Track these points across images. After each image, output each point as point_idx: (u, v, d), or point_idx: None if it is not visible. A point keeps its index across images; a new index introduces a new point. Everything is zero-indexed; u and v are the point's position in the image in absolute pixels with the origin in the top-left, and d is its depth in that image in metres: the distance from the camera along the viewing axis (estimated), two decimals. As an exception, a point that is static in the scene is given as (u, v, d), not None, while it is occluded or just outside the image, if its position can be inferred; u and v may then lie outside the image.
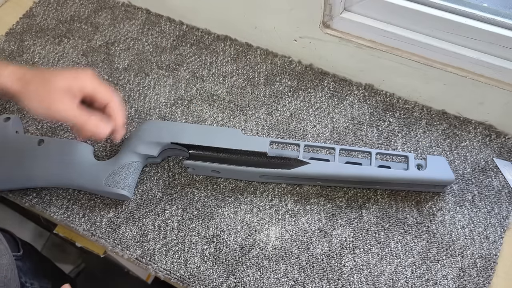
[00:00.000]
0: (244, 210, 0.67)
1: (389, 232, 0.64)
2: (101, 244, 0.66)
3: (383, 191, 0.67)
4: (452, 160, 0.69)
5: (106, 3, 0.91)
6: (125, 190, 0.65)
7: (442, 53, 0.66)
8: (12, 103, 0.79)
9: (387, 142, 0.72)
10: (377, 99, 0.76)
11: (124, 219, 0.67)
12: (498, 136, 0.71)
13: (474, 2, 0.62)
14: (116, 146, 0.73)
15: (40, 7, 0.92)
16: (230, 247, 0.64)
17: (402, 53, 0.69)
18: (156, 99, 0.78)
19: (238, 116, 0.76)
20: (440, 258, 0.62)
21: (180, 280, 0.62)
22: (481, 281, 0.60)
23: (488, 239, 0.62)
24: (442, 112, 0.74)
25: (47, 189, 0.70)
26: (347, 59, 0.75)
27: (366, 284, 0.61)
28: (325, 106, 0.76)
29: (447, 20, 0.63)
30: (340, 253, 0.63)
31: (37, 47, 0.86)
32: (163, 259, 0.64)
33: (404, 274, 0.61)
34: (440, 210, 0.65)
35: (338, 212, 0.66)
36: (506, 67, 0.63)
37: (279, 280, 0.61)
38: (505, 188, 0.66)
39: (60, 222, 0.69)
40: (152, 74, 0.82)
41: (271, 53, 0.82)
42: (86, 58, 0.84)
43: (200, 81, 0.80)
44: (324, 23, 0.72)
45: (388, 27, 0.68)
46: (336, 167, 0.63)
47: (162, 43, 0.85)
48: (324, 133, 0.73)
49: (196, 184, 0.69)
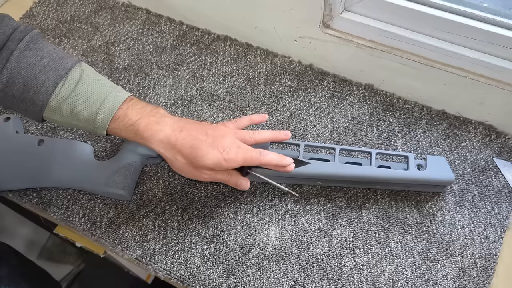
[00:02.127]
0: (244, 210, 0.67)
1: (389, 232, 0.64)
2: (101, 244, 0.66)
3: (383, 191, 0.67)
4: (452, 160, 0.69)
5: (106, 3, 0.91)
6: (125, 190, 0.65)
7: (442, 53, 0.66)
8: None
9: (387, 142, 0.72)
10: (377, 99, 0.76)
11: (124, 219, 0.67)
12: (498, 136, 0.71)
13: (474, 2, 0.62)
14: (116, 146, 0.73)
15: (40, 7, 0.92)
16: (230, 247, 0.64)
17: (402, 53, 0.69)
18: (156, 99, 0.78)
19: (238, 116, 0.76)
20: (440, 258, 0.62)
21: (180, 280, 0.62)
22: (481, 281, 0.60)
23: (488, 239, 0.62)
24: (442, 112, 0.74)
25: (47, 189, 0.70)
26: (347, 59, 0.75)
27: (366, 284, 0.61)
28: (325, 106, 0.76)
29: (447, 20, 0.63)
30: (340, 253, 0.63)
31: (37, 47, 0.86)
32: (163, 259, 0.64)
33: (404, 274, 0.61)
34: (440, 210, 0.65)
35: (338, 212, 0.66)
36: (506, 67, 0.63)
37: (279, 280, 0.61)
38: (505, 188, 0.66)
39: (60, 222, 0.69)
40: (152, 74, 0.82)
41: (271, 53, 0.82)
42: (86, 58, 0.84)
43: (200, 81, 0.80)
44: (324, 23, 0.72)
45: (388, 27, 0.68)
46: (336, 167, 0.63)
47: (162, 43, 0.85)
48: (324, 133, 0.73)
49: (196, 184, 0.69)
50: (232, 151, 0.55)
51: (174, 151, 0.54)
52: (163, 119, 0.55)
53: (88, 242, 0.82)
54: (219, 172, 0.57)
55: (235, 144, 0.56)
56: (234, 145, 0.55)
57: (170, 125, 0.55)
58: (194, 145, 0.54)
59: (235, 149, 0.55)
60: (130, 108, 0.54)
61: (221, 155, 0.54)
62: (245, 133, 0.59)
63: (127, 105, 0.55)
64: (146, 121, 0.54)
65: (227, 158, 0.54)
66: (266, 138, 0.60)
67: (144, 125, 0.54)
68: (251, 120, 0.63)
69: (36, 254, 1.32)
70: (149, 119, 0.54)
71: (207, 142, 0.54)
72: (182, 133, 0.54)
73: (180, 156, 0.55)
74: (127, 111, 0.54)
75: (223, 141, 0.55)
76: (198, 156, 0.54)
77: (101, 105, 0.53)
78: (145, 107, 0.55)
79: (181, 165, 0.55)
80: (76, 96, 0.53)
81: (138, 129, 0.54)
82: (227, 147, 0.55)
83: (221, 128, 0.58)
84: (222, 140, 0.55)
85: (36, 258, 1.32)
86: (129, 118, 0.54)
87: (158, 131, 0.54)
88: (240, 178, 0.59)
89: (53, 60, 0.52)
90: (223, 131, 0.57)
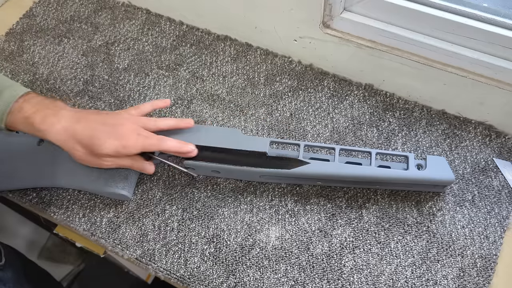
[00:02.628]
0: (244, 210, 0.67)
1: (389, 232, 0.64)
2: (101, 244, 0.66)
3: (383, 191, 0.67)
4: (452, 160, 0.69)
5: (106, 3, 0.91)
6: (125, 190, 0.65)
7: (442, 53, 0.66)
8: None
9: (387, 142, 0.72)
10: (377, 99, 0.76)
11: (124, 219, 0.67)
12: (498, 136, 0.71)
13: (474, 2, 0.62)
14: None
15: (40, 7, 0.92)
16: (230, 247, 0.64)
17: (402, 53, 0.69)
18: (156, 99, 0.78)
19: (238, 116, 0.76)
20: (440, 258, 0.62)
21: (180, 280, 0.62)
22: (481, 281, 0.60)
23: (488, 239, 0.62)
24: (442, 112, 0.74)
25: (47, 189, 0.70)
26: (347, 59, 0.75)
27: (366, 284, 0.61)
28: (325, 106, 0.76)
29: (447, 20, 0.63)
30: (340, 253, 0.63)
31: (37, 47, 0.86)
32: (163, 259, 0.64)
33: (404, 274, 0.61)
34: (440, 210, 0.65)
35: (338, 212, 0.66)
36: (506, 67, 0.63)
37: (279, 280, 0.61)
38: (505, 188, 0.66)
39: (60, 222, 0.69)
40: (152, 74, 0.82)
41: (271, 53, 0.82)
42: (86, 58, 0.84)
43: (200, 81, 0.80)
44: (324, 23, 0.72)
45: (388, 27, 0.68)
46: (336, 167, 0.63)
47: (162, 43, 0.85)
48: (324, 133, 0.73)
49: (196, 184, 0.69)
50: (132, 138, 0.57)
51: (72, 142, 0.56)
52: (60, 111, 0.56)
53: (88, 242, 0.82)
54: (122, 159, 0.59)
55: (134, 131, 0.58)
56: (134, 132, 0.58)
57: (67, 117, 0.56)
58: (92, 135, 0.56)
59: (134, 136, 0.58)
60: (26, 101, 0.56)
61: (119, 143, 0.56)
62: (147, 120, 0.61)
63: (23, 98, 0.56)
64: (43, 114, 0.55)
65: (125, 145, 0.57)
66: (169, 125, 0.63)
67: (41, 118, 0.55)
68: (153, 105, 0.66)
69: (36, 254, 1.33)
70: (45, 111, 0.56)
71: (105, 131, 0.57)
72: (79, 124, 0.56)
73: (79, 146, 0.57)
74: (23, 104, 0.55)
75: (122, 128, 0.58)
76: (96, 145, 0.56)
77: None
78: (43, 101, 0.57)
79: (81, 154, 0.57)
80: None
81: (34, 122, 0.55)
82: (126, 135, 0.57)
83: (121, 116, 0.60)
84: (121, 128, 0.58)
85: (36, 258, 1.32)
86: (25, 111, 0.55)
87: (55, 123, 0.55)
88: (144, 162, 0.62)
89: None
90: (122, 120, 0.59)
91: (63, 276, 1.29)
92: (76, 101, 0.79)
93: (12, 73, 0.83)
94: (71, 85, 0.81)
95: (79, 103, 0.79)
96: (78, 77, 0.82)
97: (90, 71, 0.83)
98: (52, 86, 0.81)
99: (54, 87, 0.81)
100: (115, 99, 0.79)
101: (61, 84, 0.81)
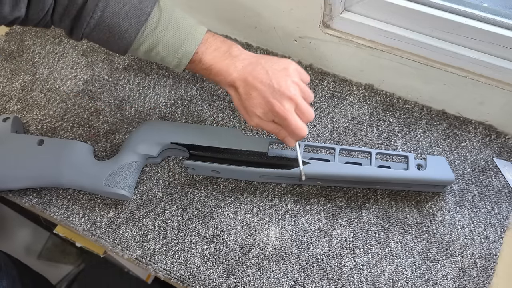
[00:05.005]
0: (244, 210, 0.67)
1: (389, 232, 0.64)
2: (101, 244, 0.66)
3: (383, 191, 0.67)
4: (452, 160, 0.69)
5: (106, 3, 0.91)
6: (125, 190, 0.65)
7: (442, 53, 0.66)
8: (12, 102, 0.79)
9: (387, 142, 0.72)
10: (377, 99, 0.76)
11: (124, 219, 0.67)
12: (498, 136, 0.71)
13: (474, 2, 0.62)
14: (116, 146, 0.73)
15: (40, 7, 0.92)
16: (230, 247, 0.64)
17: (402, 53, 0.69)
18: (156, 99, 0.78)
19: (238, 116, 0.76)
20: (440, 258, 0.62)
21: (180, 280, 0.62)
22: (481, 281, 0.60)
23: (488, 239, 0.62)
24: (442, 112, 0.74)
25: (47, 189, 0.70)
26: (347, 59, 0.75)
27: (366, 284, 0.61)
28: (325, 106, 0.76)
29: (447, 20, 0.63)
30: (340, 253, 0.63)
31: (37, 47, 0.86)
32: (163, 259, 0.64)
33: (404, 274, 0.61)
34: (440, 210, 0.65)
35: (338, 212, 0.66)
36: (506, 67, 0.63)
37: (279, 280, 0.61)
38: (505, 188, 0.66)
39: (60, 222, 0.69)
40: (152, 74, 0.82)
41: (271, 53, 0.82)
42: (86, 58, 0.84)
43: (200, 81, 0.80)
44: (324, 23, 0.72)
45: (388, 27, 0.68)
46: (336, 167, 0.63)
47: (162, 43, 0.85)
48: (324, 133, 0.73)
49: (196, 184, 0.69)
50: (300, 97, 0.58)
51: (247, 87, 0.58)
52: (234, 64, 0.58)
53: (88, 242, 0.82)
54: (290, 112, 0.58)
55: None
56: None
57: (238, 71, 0.58)
58: (270, 77, 0.57)
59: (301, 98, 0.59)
60: (204, 53, 0.59)
61: (300, 89, 0.58)
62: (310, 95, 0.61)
63: (202, 48, 0.58)
64: (219, 66, 0.58)
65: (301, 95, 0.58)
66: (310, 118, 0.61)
67: (216, 70, 0.59)
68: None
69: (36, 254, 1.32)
70: (222, 63, 0.58)
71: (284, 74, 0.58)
72: (257, 66, 0.58)
73: (261, 85, 0.57)
74: (202, 56, 0.58)
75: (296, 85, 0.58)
76: (283, 81, 0.57)
77: (178, 49, 0.58)
78: (219, 49, 0.59)
79: (258, 95, 0.57)
80: (155, 41, 0.57)
81: (210, 73, 0.59)
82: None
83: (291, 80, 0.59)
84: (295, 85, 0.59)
85: (36, 258, 1.32)
86: (203, 63, 0.59)
87: (227, 77, 0.58)
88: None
89: (133, 6, 0.56)
90: (296, 81, 0.59)
91: (63, 276, 1.29)
92: (76, 101, 0.79)
93: (12, 73, 0.83)
94: (71, 85, 0.81)
95: (79, 103, 0.79)
96: (78, 77, 0.82)
97: (90, 71, 0.83)
98: (52, 86, 0.81)
99: (54, 87, 0.81)
100: (115, 99, 0.79)
101: (61, 84, 0.81)
